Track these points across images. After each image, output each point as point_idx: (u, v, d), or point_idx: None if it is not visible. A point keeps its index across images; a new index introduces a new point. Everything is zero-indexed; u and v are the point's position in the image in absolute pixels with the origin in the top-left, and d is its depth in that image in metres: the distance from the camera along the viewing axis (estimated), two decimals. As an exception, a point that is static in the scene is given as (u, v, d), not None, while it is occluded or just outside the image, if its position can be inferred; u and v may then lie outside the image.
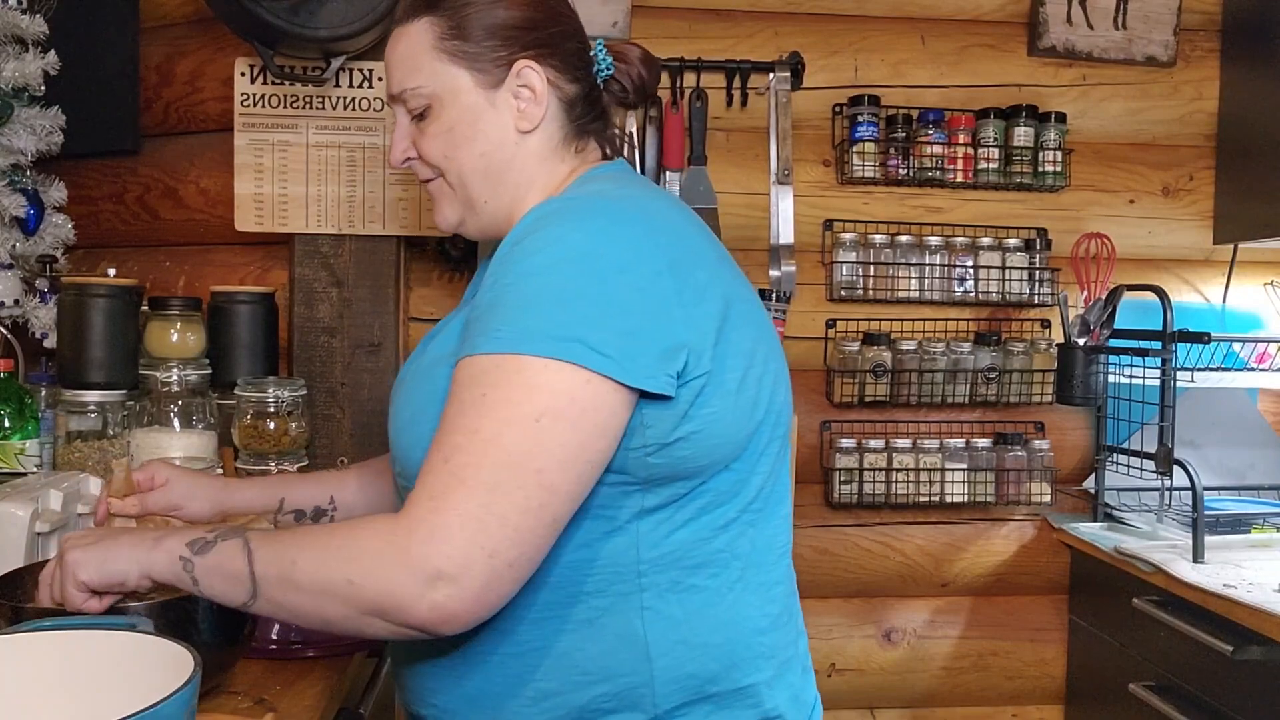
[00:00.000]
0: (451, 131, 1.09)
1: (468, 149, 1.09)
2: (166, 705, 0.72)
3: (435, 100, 1.09)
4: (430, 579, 0.87)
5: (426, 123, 1.10)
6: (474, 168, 1.10)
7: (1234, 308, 2.48)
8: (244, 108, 1.97)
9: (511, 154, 1.10)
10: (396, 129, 1.14)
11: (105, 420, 1.74)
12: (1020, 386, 2.33)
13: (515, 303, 0.93)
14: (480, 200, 1.11)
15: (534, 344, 0.90)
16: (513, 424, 0.89)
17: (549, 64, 1.10)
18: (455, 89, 1.08)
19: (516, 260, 0.95)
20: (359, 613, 0.90)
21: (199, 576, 0.96)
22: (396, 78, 1.10)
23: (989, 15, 2.39)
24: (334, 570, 0.90)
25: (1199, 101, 2.45)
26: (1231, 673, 1.78)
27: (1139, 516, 2.28)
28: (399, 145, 1.13)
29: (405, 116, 1.12)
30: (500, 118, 1.09)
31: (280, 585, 0.93)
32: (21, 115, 1.82)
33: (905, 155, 2.32)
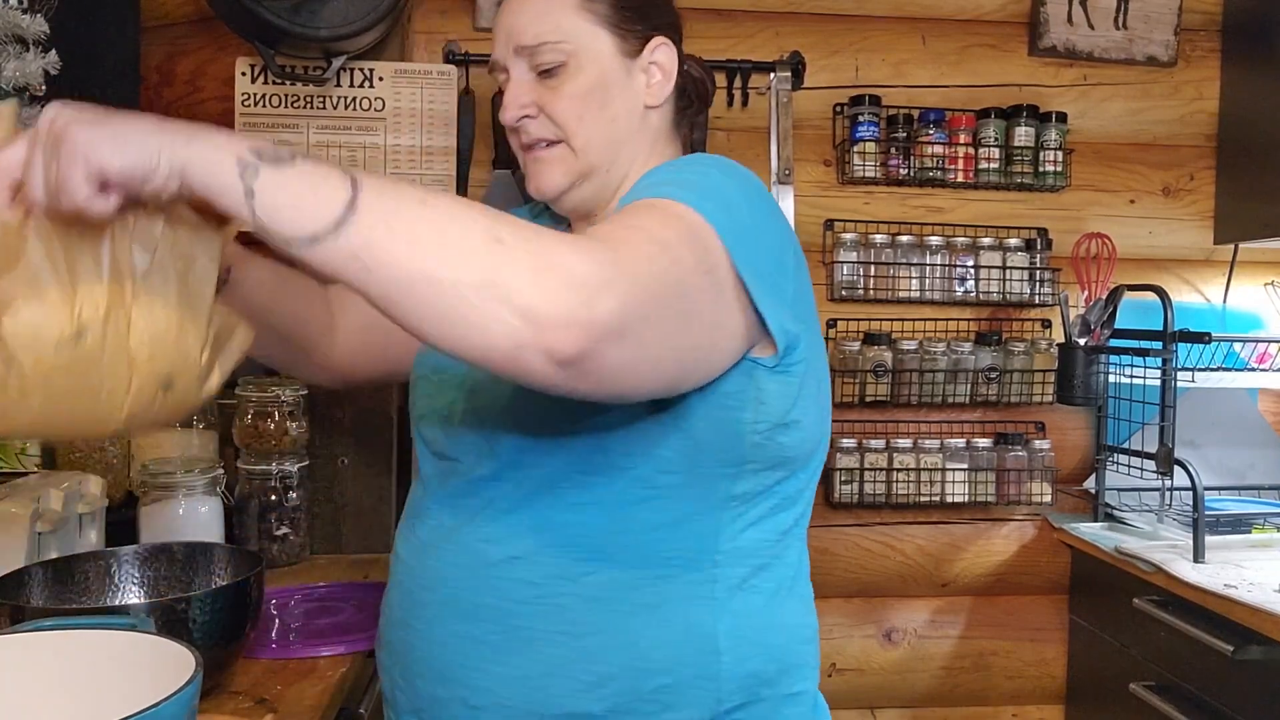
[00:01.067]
0: (588, 95, 1.06)
1: (600, 114, 1.07)
2: (167, 705, 0.72)
3: (573, 59, 1.06)
4: (584, 282, 0.74)
5: (558, 81, 1.06)
6: (603, 134, 1.08)
7: (1234, 308, 2.48)
8: (245, 107, 1.97)
9: (636, 127, 1.10)
10: (513, 83, 1.08)
11: (106, 420, 1.74)
12: (1021, 386, 2.33)
13: (690, 181, 0.91)
14: (600, 168, 1.09)
15: (715, 216, 0.88)
16: (692, 253, 0.85)
17: (676, 46, 1.11)
18: (597, 51, 1.07)
19: (676, 170, 0.96)
20: (482, 283, 0.73)
21: (260, 191, 0.74)
22: (531, 30, 1.06)
23: (990, 15, 2.39)
24: (479, 226, 0.75)
25: (1199, 101, 2.45)
26: (1232, 673, 1.78)
27: (1139, 516, 2.28)
28: (519, 99, 1.07)
29: (527, 72, 1.07)
30: (632, 89, 1.09)
31: (389, 223, 0.74)
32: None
33: (906, 155, 2.32)
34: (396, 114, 1.99)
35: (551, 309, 0.72)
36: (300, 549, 1.82)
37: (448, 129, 2.01)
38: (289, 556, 1.79)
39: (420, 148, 2.00)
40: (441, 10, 2.22)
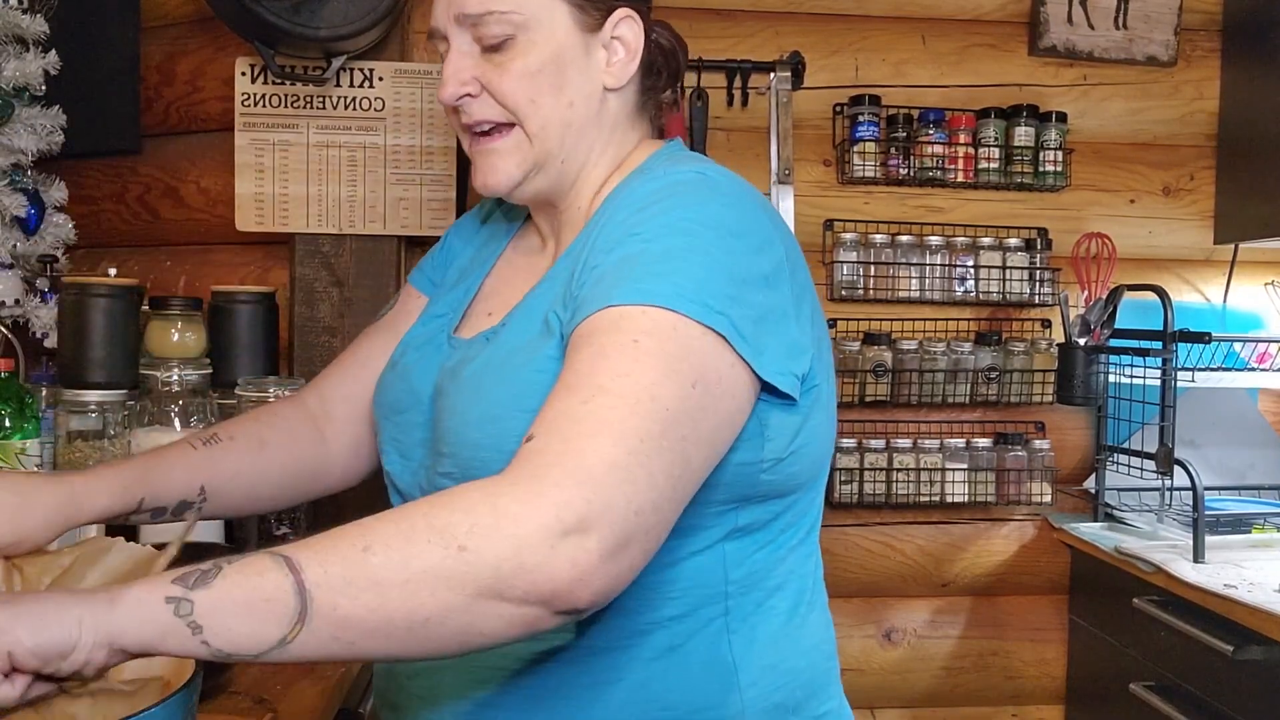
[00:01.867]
0: (539, 73, 0.94)
1: (555, 96, 0.95)
2: (166, 705, 0.72)
3: (523, 32, 0.94)
4: (565, 528, 0.68)
5: (506, 56, 0.94)
6: (559, 119, 0.96)
7: (1235, 307, 2.48)
8: (245, 107, 1.97)
9: (595, 111, 0.98)
10: (452, 57, 0.96)
11: (105, 420, 1.74)
12: (1021, 386, 2.33)
13: (661, 257, 0.82)
14: (555, 158, 0.97)
15: (690, 305, 0.79)
16: (670, 379, 0.76)
17: (643, 19, 0.99)
18: (553, 24, 0.95)
19: (654, 216, 0.86)
20: (470, 596, 0.68)
21: (203, 620, 0.67)
22: (475, 5, 0.93)
23: (989, 15, 2.39)
24: (433, 541, 0.68)
25: (1199, 101, 2.45)
26: (1232, 673, 1.77)
27: (1139, 516, 2.28)
28: (459, 74, 0.95)
29: (470, 44, 0.95)
30: (591, 68, 0.97)
31: (347, 589, 0.67)
32: (22, 115, 1.82)
33: (906, 155, 2.32)
34: (396, 114, 1.99)
35: (551, 583, 0.68)
36: (300, 549, 1.82)
37: (447, 129, 2.01)
38: (289, 556, 1.79)
39: (420, 148, 2.00)
40: (441, 10, 2.22)
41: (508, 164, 0.97)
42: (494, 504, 0.69)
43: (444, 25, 0.97)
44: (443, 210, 2.00)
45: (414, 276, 1.20)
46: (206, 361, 1.85)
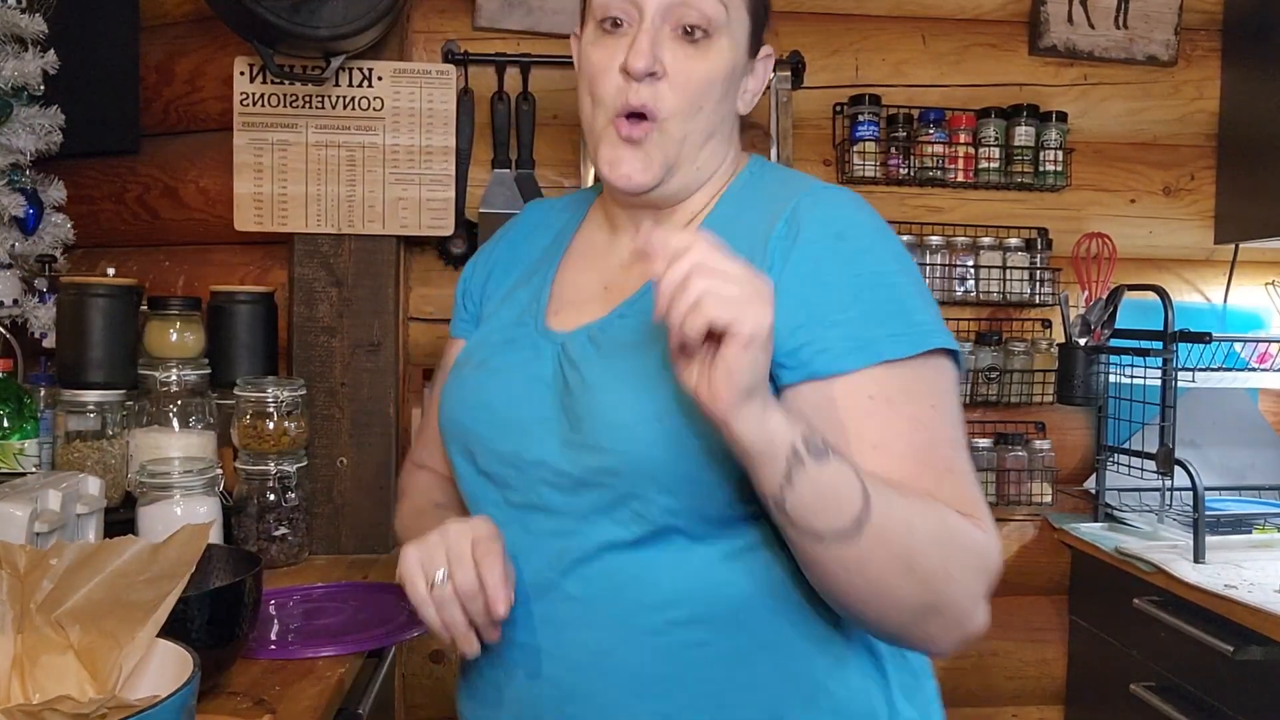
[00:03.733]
0: (718, 80, 0.97)
1: (716, 108, 0.98)
2: (165, 705, 0.72)
3: (721, 33, 0.96)
4: (991, 586, 0.89)
5: (700, 50, 0.96)
6: (705, 129, 0.98)
7: (1235, 307, 2.48)
8: (244, 107, 1.97)
9: (729, 131, 1.03)
10: (647, 31, 0.95)
11: (104, 420, 1.74)
12: (1021, 386, 2.33)
13: (906, 298, 0.91)
14: (690, 165, 0.99)
15: (944, 338, 0.91)
16: (960, 421, 0.93)
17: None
18: (737, 37, 0.98)
19: (870, 258, 0.92)
20: (927, 606, 0.85)
21: (798, 481, 0.80)
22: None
23: (990, 14, 2.38)
24: (945, 555, 0.85)
25: (1200, 101, 2.44)
26: (1232, 673, 1.77)
27: (1140, 517, 2.28)
28: (650, 51, 0.94)
29: (665, 24, 0.95)
30: (737, 90, 1.02)
31: (883, 542, 0.82)
32: (21, 114, 1.82)
33: (906, 155, 2.32)
34: (395, 113, 1.99)
35: (975, 624, 0.90)
36: (299, 549, 1.82)
37: (447, 128, 2.00)
38: (288, 557, 1.79)
39: (419, 147, 2.00)
40: (440, 10, 2.22)
41: (657, 161, 0.97)
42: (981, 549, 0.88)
43: (648, 6, 0.95)
44: (442, 210, 2.00)
45: (453, 328, 1.20)
46: (205, 361, 1.85)
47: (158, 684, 0.83)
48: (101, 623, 0.86)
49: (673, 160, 0.98)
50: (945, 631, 0.86)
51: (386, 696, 1.87)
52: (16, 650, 0.87)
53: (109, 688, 0.83)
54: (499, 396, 1.00)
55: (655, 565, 0.90)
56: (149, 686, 0.84)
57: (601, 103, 0.98)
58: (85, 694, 0.84)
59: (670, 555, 0.90)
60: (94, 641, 0.86)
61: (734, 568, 0.91)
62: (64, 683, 0.86)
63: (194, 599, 1.09)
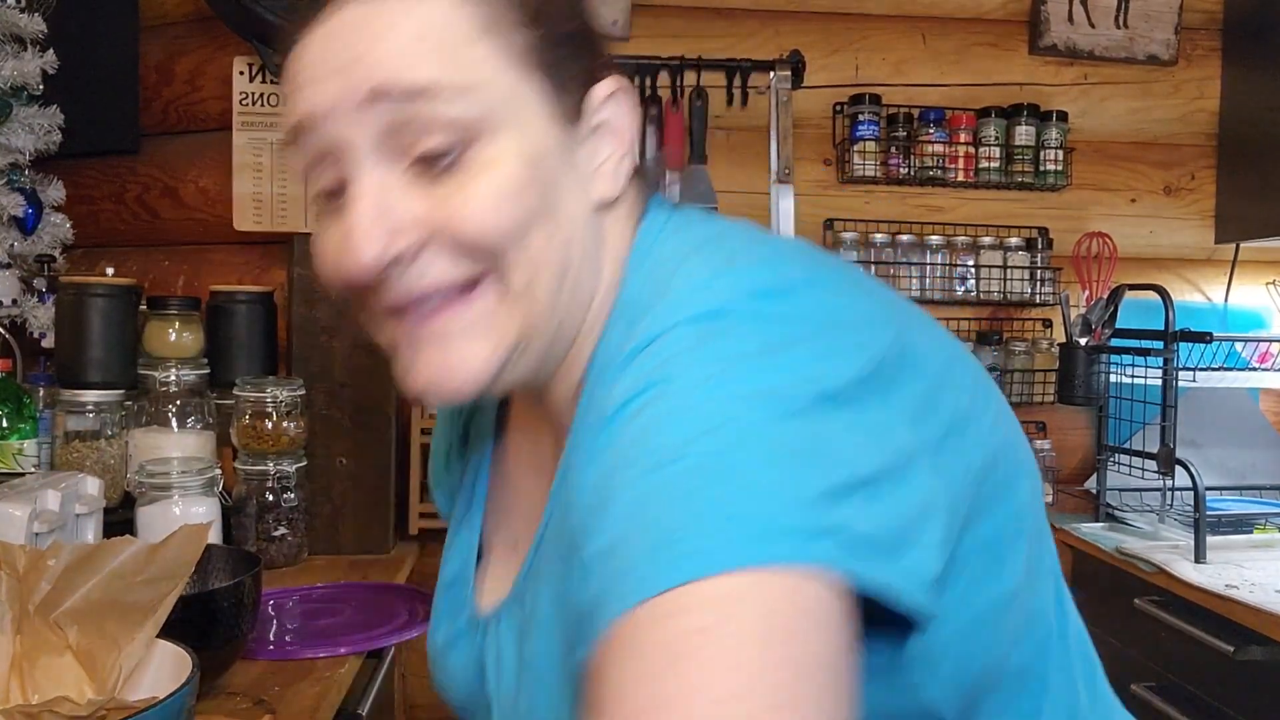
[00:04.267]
0: (522, 195, 0.59)
1: (546, 232, 0.60)
2: (164, 706, 0.72)
3: (489, 132, 0.59)
4: None
5: (465, 176, 0.58)
6: (554, 263, 0.61)
7: (1236, 307, 2.47)
8: (243, 106, 1.97)
9: (593, 242, 0.64)
10: (366, 187, 0.58)
11: (103, 420, 1.74)
12: (1022, 386, 2.33)
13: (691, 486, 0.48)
14: (549, 326, 0.62)
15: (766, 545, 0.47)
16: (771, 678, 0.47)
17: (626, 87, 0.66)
18: (522, 116, 0.60)
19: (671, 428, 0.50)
20: None
21: None
22: (403, 61, 0.57)
23: (990, 14, 2.38)
24: None
25: (1200, 100, 2.44)
26: (1233, 673, 1.77)
27: (1140, 517, 2.28)
28: (385, 218, 0.58)
29: (386, 164, 0.59)
30: (578, 177, 0.63)
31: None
32: (20, 114, 1.82)
33: (906, 154, 2.32)
34: (395, 113, 1.99)
35: None
36: (298, 550, 1.82)
37: (447, 128, 2.00)
38: (287, 557, 1.79)
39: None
40: (440, 9, 2.21)
41: (476, 348, 0.60)
42: None
43: (335, 125, 0.58)
44: (442, 210, 2.00)
45: (433, 481, 0.89)
46: (204, 361, 1.85)
47: (157, 684, 0.83)
48: (100, 624, 0.86)
49: (517, 328, 0.61)
50: None
51: (386, 696, 1.86)
52: (15, 651, 0.87)
53: (108, 688, 0.83)
54: (470, 715, 0.78)
55: None
56: (148, 687, 0.83)
57: (365, 305, 0.62)
58: (84, 695, 0.84)
59: None
60: (92, 642, 0.86)
61: None
62: (62, 684, 0.85)
63: (193, 599, 1.08)
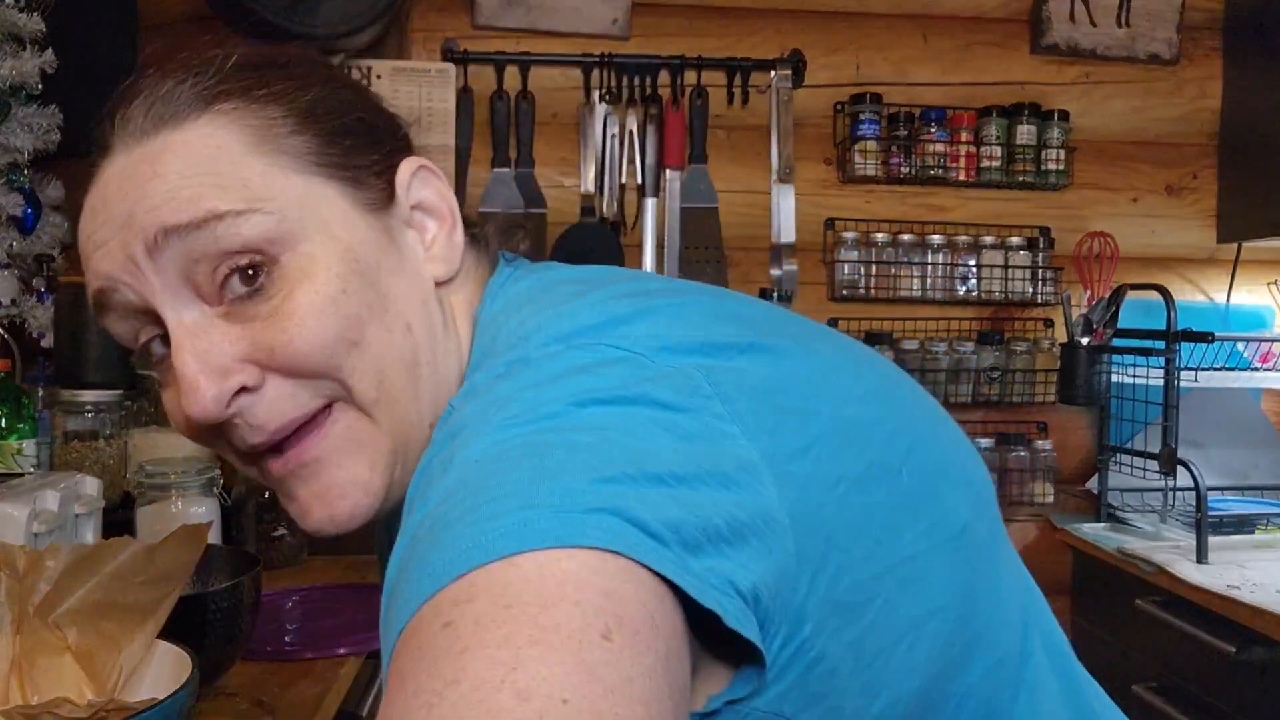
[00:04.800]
0: (346, 295, 0.57)
1: (382, 326, 0.58)
2: (163, 706, 0.71)
3: (289, 242, 0.57)
4: None
5: (278, 297, 0.56)
6: (401, 358, 0.59)
7: (1238, 307, 2.47)
8: (243, 106, 1.96)
9: (439, 322, 0.62)
10: (184, 339, 0.57)
11: (102, 420, 1.74)
12: (1023, 386, 2.32)
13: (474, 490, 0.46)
14: (420, 422, 0.60)
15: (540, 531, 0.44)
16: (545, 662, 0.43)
17: (428, 164, 0.66)
18: (324, 217, 0.58)
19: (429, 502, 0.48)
20: None
21: None
22: (181, 199, 0.56)
23: (991, 13, 2.38)
24: None
25: (1202, 99, 2.44)
26: (1235, 674, 1.77)
27: (1142, 517, 2.27)
28: (209, 359, 0.56)
29: (194, 306, 0.57)
30: (406, 261, 0.62)
31: None
32: (19, 113, 1.82)
33: (907, 153, 2.32)
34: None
35: None
36: (298, 550, 1.81)
37: (446, 127, 2.00)
38: (287, 558, 1.78)
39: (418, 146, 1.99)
40: (440, 8, 2.21)
41: (354, 470, 0.59)
42: None
43: (134, 286, 0.57)
44: (442, 209, 2.00)
45: None
46: (204, 361, 1.85)
47: (156, 685, 0.83)
48: (99, 624, 0.85)
49: (388, 438, 0.59)
50: None
51: (386, 697, 1.86)
52: (15, 652, 0.86)
53: (108, 689, 0.83)
54: None
55: None
56: (148, 688, 0.83)
57: (235, 455, 0.62)
58: (83, 696, 0.83)
59: None
60: (92, 643, 0.85)
61: None
62: (62, 684, 0.85)
63: (193, 600, 1.08)
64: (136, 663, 0.84)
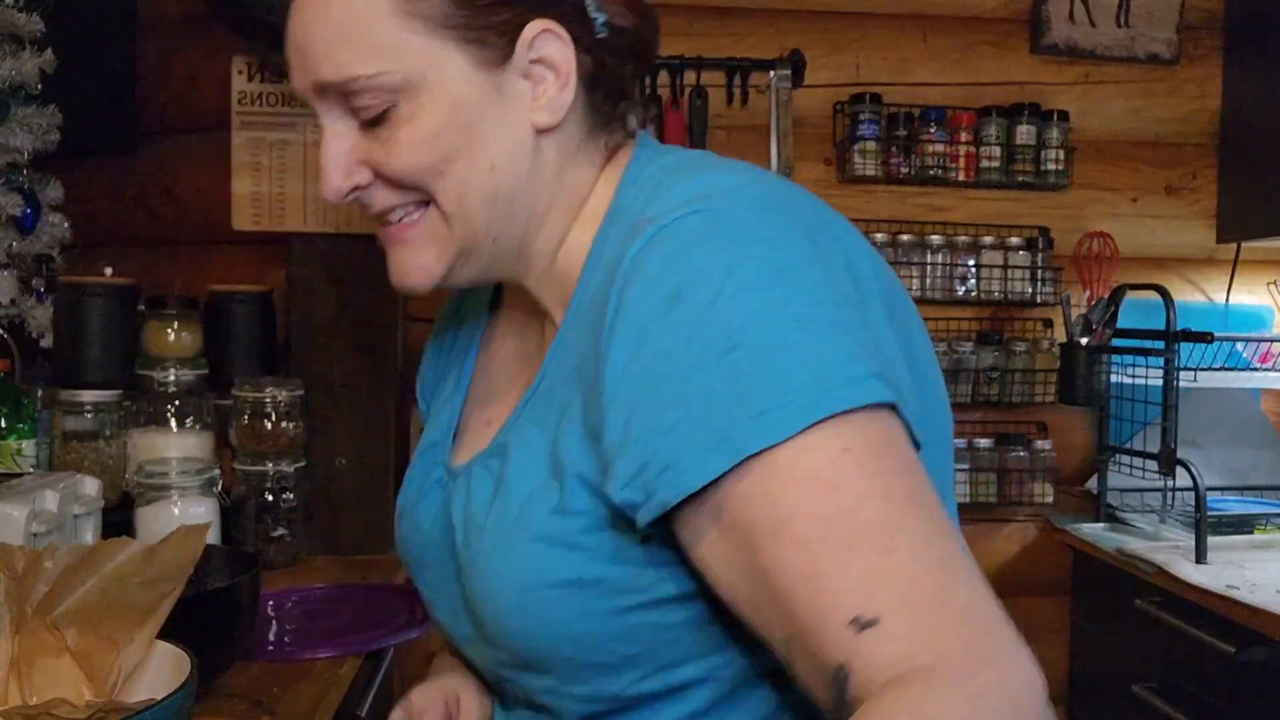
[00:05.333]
0: (439, 138, 0.74)
1: (469, 162, 0.75)
2: (163, 707, 0.71)
3: (409, 92, 0.73)
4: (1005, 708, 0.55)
5: (391, 129, 0.74)
6: (480, 189, 0.75)
7: (1237, 307, 2.47)
8: (241, 106, 1.96)
9: (527, 166, 0.77)
10: (327, 140, 0.77)
11: (101, 420, 1.73)
12: (1022, 386, 2.32)
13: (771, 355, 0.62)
14: (486, 236, 0.77)
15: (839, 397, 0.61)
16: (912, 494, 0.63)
17: (566, 25, 0.76)
18: (441, 75, 0.73)
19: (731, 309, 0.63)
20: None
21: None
22: (332, 59, 0.74)
23: (991, 13, 2.38)
24: None
25: (1202, 99, 2.44)
26: (1234, 674, 1.77)
27: (1141, 517, 2.27)
28: (340, 163, 0.76)
29: (344, 119, 0.76)
30: (510, 113, 0.75)
31: None
32: (18, 114, 1.82)
33: (907, 154, 2.32)
34: (395, 112, 1.98)
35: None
36: (297, 550, 1.81)
37: (446, 127, 2.00)
38: (286, 558, 1.78)
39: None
40: (440, 8, 2.21)
41: (424, 256, 0.78)
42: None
43: (304, 92, 0.78)
44: (441, 209, 1.99)
45: (418, 390, 1.02)
46: (203, 361, 1.85)
47: (155, 686, 0.83)
48: (98, 625, 0.85)
49: (460, 238, 0.77)
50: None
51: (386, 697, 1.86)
52: (13, 652, 0.86)
53: (106, 690, 0.82)
54: (423, 570, 0.88)
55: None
56: (147, 688, 0.83)
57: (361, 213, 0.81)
58: (82, 697, 0.83)
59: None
60: (90, 644, 0.85)
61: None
62: (60, 685, 0.85)
63: (192, 600, 1.08)
64: (135, 663, 0.84)
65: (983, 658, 0.55)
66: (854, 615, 0.56)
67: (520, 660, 0.75)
